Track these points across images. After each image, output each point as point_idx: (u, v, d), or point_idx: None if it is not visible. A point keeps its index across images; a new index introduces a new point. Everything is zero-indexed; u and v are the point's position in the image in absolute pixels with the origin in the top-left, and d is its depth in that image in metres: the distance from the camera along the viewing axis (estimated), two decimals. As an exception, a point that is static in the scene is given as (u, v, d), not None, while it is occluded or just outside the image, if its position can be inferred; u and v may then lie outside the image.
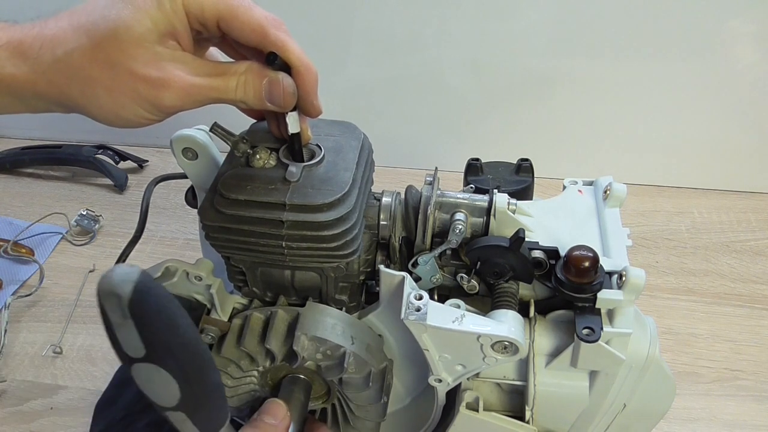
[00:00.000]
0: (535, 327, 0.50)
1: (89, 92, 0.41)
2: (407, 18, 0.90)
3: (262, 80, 0.44)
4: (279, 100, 0.44)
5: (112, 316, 0.31)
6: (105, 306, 0.31)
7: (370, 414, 0.52)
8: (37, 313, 0.82)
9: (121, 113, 0.42)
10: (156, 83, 0.41)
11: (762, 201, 0.97)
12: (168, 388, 0.35)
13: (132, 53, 0.40)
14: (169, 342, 0.33)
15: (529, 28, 0.88)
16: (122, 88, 0.41)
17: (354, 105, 1.00)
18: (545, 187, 0.78)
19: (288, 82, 0.44)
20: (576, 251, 0.46)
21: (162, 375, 0.34)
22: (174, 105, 0.42)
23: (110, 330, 0.32)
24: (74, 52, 0.40)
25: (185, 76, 0.42)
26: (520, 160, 0.62)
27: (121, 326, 0.32)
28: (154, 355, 0.33)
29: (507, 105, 0.96)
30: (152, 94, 0.41)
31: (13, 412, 0.71)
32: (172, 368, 0.34)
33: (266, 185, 0.46)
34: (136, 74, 0.41)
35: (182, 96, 0.42)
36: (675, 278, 0.86)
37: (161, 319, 0.33)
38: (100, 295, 0.31)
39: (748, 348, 0.77)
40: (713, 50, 0.87)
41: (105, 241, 0.92)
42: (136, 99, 0.41)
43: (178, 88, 0.41)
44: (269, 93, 0.44)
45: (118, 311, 0.31)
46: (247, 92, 0.44)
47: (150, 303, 0.32)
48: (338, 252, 0.46)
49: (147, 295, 0.32)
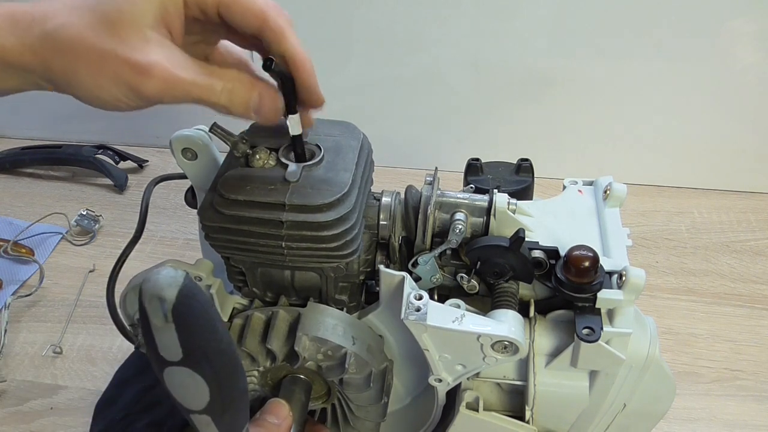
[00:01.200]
0: (535, 327, 0.50)
1: (71, 68, 0.41)
2: (407, 18, 0.90)
3: (252, 91, 0.43)
4: (268, 114, 0.44)
5: (153, 319, 0.31)
6: (147, 309, 0.31)
7: (370, 414, 0.52)
8: (37, 313, 0.82)
9: (100, 94, 0.41)
10: (138, 68, 0.40)
11: (762, 201, 0.97)
12: (198, 392, 0.35)
13: (121, 35, 0.40)
14: (207, 348, 0.33)
15: (529, 28, 0.88)
16: (104, 68, 0.40)
17: (354, 105, 1.00)
18: (545, 187, 0.77)
19: (279, 98, 0.44)
20: (576, 251, 0.46)
21: (195, 379, 0.34)
22: (153, 95, 0.41)
23: (148, 332, 0.32)
24: (62, 28, 0.40)
25: (170, 68, 0.41)
26: (520, 160, 0.62)
27: (161, 330, 0.31)
28: (190, 359, 0.33)
29: (507, 105, 0.96)
30: (133, 79, 0.40)
31: (13, 412, 0.71)
32: (206, 373, 0.34)
33: (266, 185, 0.46)
34: (120, 56, 0.40)
35: (163, 87, 0.41)
36: (675, 278, 0.86)
37: (202, 324, 0.32)
38: (144, 297, 0.31)
39: (748, 348, 0.77)
40: (713, 50, 0.87)
41: (105, 241, 0.92)
42: (116, 82, 0.40)
43: (160, 78, 0.40)
44: (259, 105, 0.44)
45: (161, 315, 0.30)
46: (233, 100, 0.43)
47: (193, 308, 0.32)
48: (338, 252, 0.46)
49: (191, 299, 0.31)
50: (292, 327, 0.48)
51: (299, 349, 0.47)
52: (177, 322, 0.31)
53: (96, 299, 0.83)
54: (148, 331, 0.32)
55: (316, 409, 0.54)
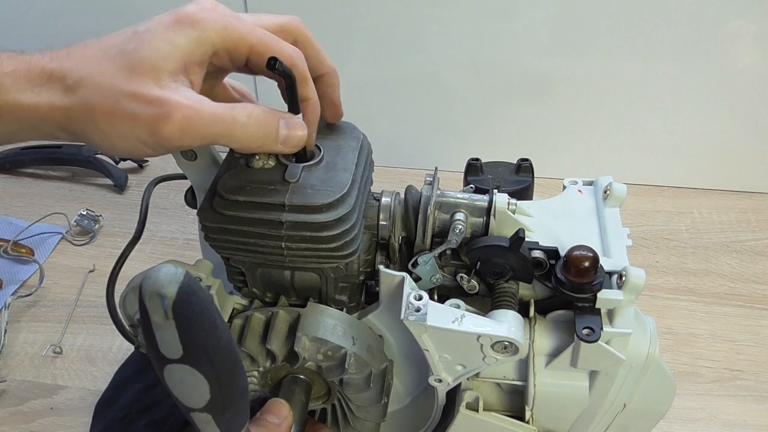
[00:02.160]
0: (535, 327, 0.50)
1: (89, 117, 0.40)
2: (407, 18, 0.90)
3: (276, 120, 0.43)
4: (296, 143, 0.44)
5: (153, 316, 0.31)
6: (147, 305, 0.31)
7: (370, 414, 0.52)
8: (37, 313, 0.82)
9: (117, 141, 0.40)
10: (156, 106, 0.39)
11: (762, 201, 0.97)
12: (199, 390, 0.34)
13: (140, 80, 0.39)
14: (207, 345, 0.33)
15: (529, 28, 0.88)
16: (121, 112, 0.39)
17: (354, 105, 0.99)
18: (545, 187, 0.78)
19: (303, 125, 0.44)
20: (576, 251, 0.46)
21: (195, 377, 0.34)
22: (173, 136, 0.40)
23: (149, 329, 0.32)
24: (81, 81, 0.40)
25: (189, 104, 0.40)
26: (520, 160, 0.62)
27: (161, 327, 0.31)
28: (191, 357, 0.33)
29: (507, 105, 0.96)
30: (151, 119, 0.39)
31: (13, 412, 0.71)
32: (206, 370, 0.34)
33: (265, 186, 0.46)
34: (137, 96, 0.39)
35: (184, 125, 0.39)
36: (675, 278, 0.86)
37: (202, 321, 0.32)
38: (144, 294, 0.30)
39: (748, 348, 0.77)
40: (713, 50, 0.87)
41: (105, 241, 0.92)
42: (134, 124, 0.39)
43: (180, 116, 0.39)
44: (287, 136, 0.43)
45: (161, 312, 0.30)
46: (259, 132, 0.42)
47: (193, 305, 0.31)
48: (338, 252, 0.46)
49: (191, 296, 0.31)
50: (292, 327, 0.48)
51: (299, 349, 0.47)
52: (177, 318, 0.31)
53: (96, 299, 0.83)
54: (148, 328, 0.32)
55: (316, 409, 0.54)
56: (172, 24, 0.41)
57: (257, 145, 0.43)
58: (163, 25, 0.41)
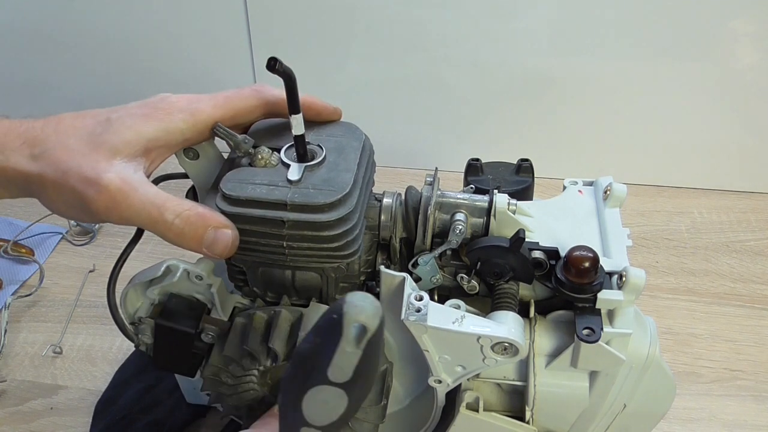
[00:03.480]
0: (535, 327, 0.50)
1: (42, 184, 0.44)
2: (408, 18, 0.90)
3: (205, 227, 0.44)
4: (220, 252, 0.45)
5: (346, 344, 0.30)
6: (345, 332, 0.30)
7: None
8: (37, 313, 0.82)
9: (63, 209, 0.45)
10: (90, 185, 0.42)
11: (762, 201, 0.97)
12: (334, 410, 0.34)
13: (91, 157, 0.43)
14: (372, 374, 0.34)
15: (529, 28, 0.88)
16: (65, 186, 0.43)
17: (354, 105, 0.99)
18: (545, 187, 0.78)
19: (235, 235, 0.45)
20: (576, 251, 0.46)
21: (341, 399, 0.33)
22: (100, 210, 0.43)
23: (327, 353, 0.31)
24: (48, 151, 0.43)
25: (122, 187, 0.42)
26: (520, 160, 0.62)
27: (347, 354, 0.31)
28: (353, 383, 0.32)
29: (507, 105, 0.96)
30: (84, 195, 0.42)
31: (13, 412, 0.71)
32: (356, 394, 0.33)
33: (267, 185, 0.46)
34: (81, 173, 0.42)
35: (109, 206, 0.42)
36: (675, 278, 0.86)
37: (378, 355, 0.33)
38: (345, 321, 0.30)
39: (748, 348, 0.77)
40: (713, 50, 0.87)
41: (105, 241, 0.92)
42: (73, 198, 0.43)
43: (107, 198, 0.42)
44: (212, 242, 0.44)
45: (356, 341, 0.30)
46: (184, 234, 0.44)
47: (380, 338, 0.32)
48: (339, 252, 0.46)
49: (381, 330, 0.32)
50: (295, 327, 0.48)
51: (300, 349, 0.47)
52: (366, 350, 0.31)
53: (96, 299, 0.83)
54: (328, 352, 0.31)
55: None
56: (141, 116, 0.45)
57: (179, 243, 0.45)
58: (134, 116, 0.45)
